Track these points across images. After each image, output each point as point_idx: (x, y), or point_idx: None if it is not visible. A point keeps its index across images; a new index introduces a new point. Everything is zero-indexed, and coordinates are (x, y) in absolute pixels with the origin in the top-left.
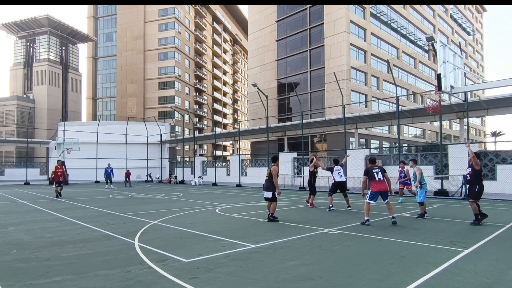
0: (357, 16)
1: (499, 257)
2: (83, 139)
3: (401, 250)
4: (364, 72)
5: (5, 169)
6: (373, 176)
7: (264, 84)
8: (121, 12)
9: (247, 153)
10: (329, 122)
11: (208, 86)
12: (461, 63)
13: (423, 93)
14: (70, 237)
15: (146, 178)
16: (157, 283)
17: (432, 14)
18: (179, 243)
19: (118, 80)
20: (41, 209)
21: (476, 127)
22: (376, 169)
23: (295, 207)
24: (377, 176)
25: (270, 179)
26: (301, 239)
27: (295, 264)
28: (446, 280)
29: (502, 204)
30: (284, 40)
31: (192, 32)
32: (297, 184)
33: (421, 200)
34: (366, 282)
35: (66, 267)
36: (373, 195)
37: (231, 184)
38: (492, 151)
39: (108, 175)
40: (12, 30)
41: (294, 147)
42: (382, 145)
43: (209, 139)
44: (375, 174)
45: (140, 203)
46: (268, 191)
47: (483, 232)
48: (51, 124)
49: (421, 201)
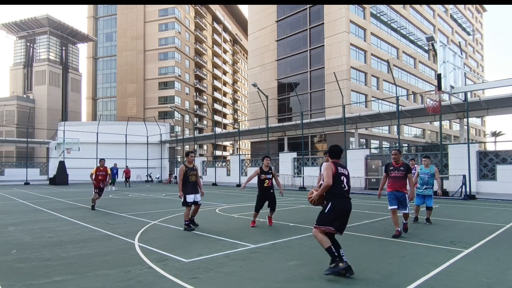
0: (357, 16)
1: (499, 257)
2: (83, 139)
3: (401, 250)
4: (364, 72)
5: (5, 169)
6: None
7: (264, 84)
8: (121, 12)
9: (247, 153)
10: (329, 122)
11: (208, 86)
12: (461, 63)
13: (423, 93)
14: (70, 237)
15: (146, 178)
16: (157, 283)
17: (432, 14)
18: (179, 243)
19: (118, 80)
20: (41, 209)
21: (476, 127)
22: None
23: (295, 207)
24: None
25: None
26: (301, 239)
27: (295, 264)
28: (446, 280)
29: (502, 204)
30: (284, 40)
31: (192, 32)
32: (297, 184)
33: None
34: (366, 282)
35: (66, 267)
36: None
37: (231, 184)
38: (492, 151)
39: (113, 176)
40: (12, 30)
41: (294, 147)
42: (382, 145)
43: (209, 139)
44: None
45: (140, 203)
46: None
47: (483, 232)
48: (51, 124)
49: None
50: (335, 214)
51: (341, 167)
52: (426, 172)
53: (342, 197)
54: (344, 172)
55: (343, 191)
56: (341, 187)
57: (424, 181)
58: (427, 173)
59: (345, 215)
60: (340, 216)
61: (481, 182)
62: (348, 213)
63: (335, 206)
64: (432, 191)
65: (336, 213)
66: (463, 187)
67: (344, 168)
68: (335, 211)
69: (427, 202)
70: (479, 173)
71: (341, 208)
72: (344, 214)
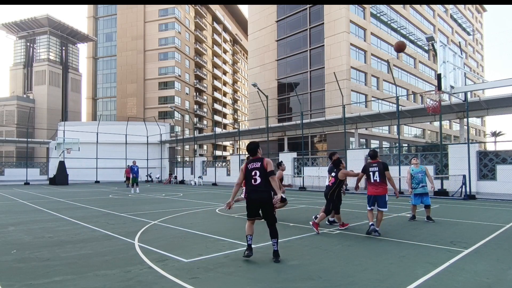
0: (357, 16)
1: (499, 257)
2: (83, 139)
3: (401, 250)
4: (364, 72)
5: (5, 169)
6: (368, 176)
7: (264, 84)
8: (121, 12)
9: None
10: (329, 122)
11: (208, 86)
12: (461, 63)
13: (423, 93)
14: (70, 237)
15: (146, 178)
16: (157, 283)
17: (432, 14)
18: (179, 243)
19: (118, 80)
20: (41, 209)
21: (476, 127)
22: (374, 167)
23: (295, 207)
24: (373, 176)
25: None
26: (301, 239)
27: (295, 264)
28: (446, 280)
29: (502, 204)
30: (284, 40)
31: (192, 32)
32: (297, 184)
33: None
34: (366, 282)
35: (66, 267)
36: (368, 200)
37: (231, 184)
38: (492, 151)
39: (136, 175)
40: (12, 30)
41: (294, 147)
42: (382, 145)
43: (209, 139)
44: (371, 173)
45: (140, 203)
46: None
47: (483, 232)
48: (51, 124)
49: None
50: (247, 206)
51: (254, 161)
52: (418, 171)
53: (251, 192)
54: (256, 165)
55: (253, 186)
56: (251, 183)
57: (419, 180)
58: (419, 172)
59: (252, 205)
60: (248, 207)
61: (481, 182)
62: (255, 203)
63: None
64: (427, 189)
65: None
66: (463, 187)
67: (256, 162)
68: (247, 203)
69: (424, 200)
70: (479, 173)
71: (248, 201)
72: (251, 204)
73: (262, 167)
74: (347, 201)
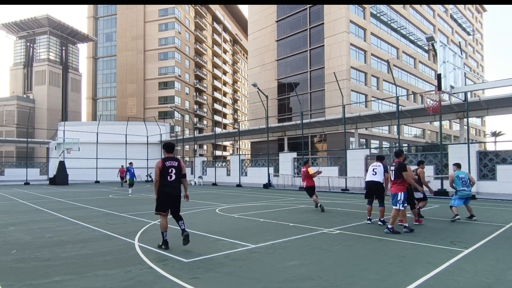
0: (357, 16)
1: (499, 257)
2: (83, 139)
3: (401, 250)
4: (364, 72)
5: (5, 169)
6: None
7: (264, 84)
8: (121, 12)
9: (247, 153)
10: (329, 122)
11: (208, 86)
12: (461, 63)
13: (423, 93)
14: (70, 237)
15: (146, 178)
16: (157, 283)
17: (432, 14)
18: (179, 243)
19: (118, 80)
20: (41, 209)
21: (476, 127)
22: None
23: (295, 207)
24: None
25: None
26: (301, 239)
27: (295, 264)
28: (446, 280)
29: (502, 204)
30: (284, 40)
31: (192, 32)
32: (297, 184)
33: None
34: (366, 282)
35: (66, 267)
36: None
37: (231, 184)
38: (492, 151)
39: (132, 176)
40: (12, 30)
41: (294, 147)
42: (382, 145)
43: (209, 139)
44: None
45: (140, 203)
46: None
47: (483, 232)
48: (51, 124)
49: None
50: (160, 200)
51: (171, 160)
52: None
53: (166, 187)
54: (174, 164)
55: (168, 181)
56: (167, 179)
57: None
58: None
59: (167, 199)
60: (163, 201)
61: (481, 182)
62: (171, 198)
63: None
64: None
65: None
66: None
67: (173, 161)
68: (160, 197)
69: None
70: (479, 173)
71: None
72: (166, 198)
73: (179, 167)
74: (347, 201)
